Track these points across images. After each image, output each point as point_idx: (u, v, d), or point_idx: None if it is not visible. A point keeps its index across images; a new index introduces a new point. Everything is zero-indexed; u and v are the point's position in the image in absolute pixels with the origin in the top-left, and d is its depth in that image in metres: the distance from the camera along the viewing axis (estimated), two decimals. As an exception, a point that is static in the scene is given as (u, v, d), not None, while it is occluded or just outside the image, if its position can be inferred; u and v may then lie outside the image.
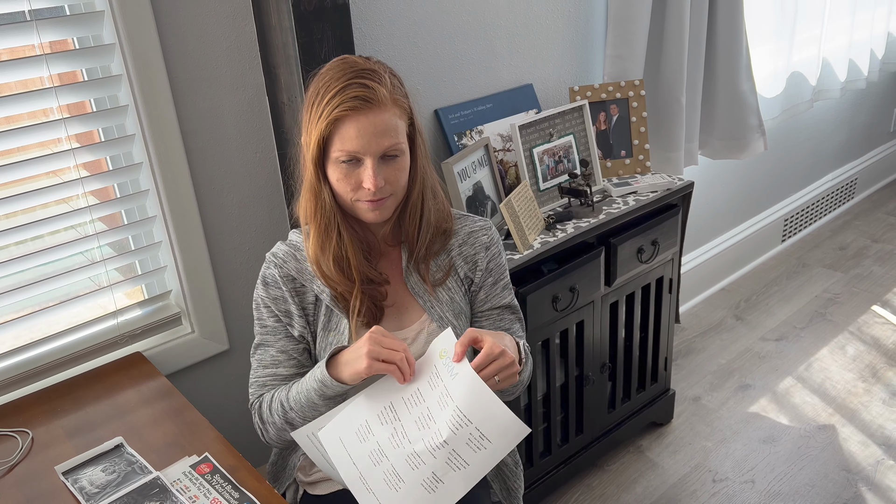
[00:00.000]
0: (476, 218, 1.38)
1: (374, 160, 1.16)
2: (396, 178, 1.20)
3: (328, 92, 1.15)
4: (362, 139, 1.14)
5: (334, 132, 1.15)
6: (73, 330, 1.58)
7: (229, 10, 1.56)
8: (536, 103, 2.14)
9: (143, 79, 1.48)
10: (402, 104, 1.19)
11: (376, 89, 1.14)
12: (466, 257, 1.34)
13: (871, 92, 3.68)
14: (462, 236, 1.35)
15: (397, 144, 1.17)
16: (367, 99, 1.13)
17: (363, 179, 1.17)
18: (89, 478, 1.25)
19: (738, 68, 2.46)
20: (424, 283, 1.31)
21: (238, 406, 1.80)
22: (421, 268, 1.30)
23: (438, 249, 1.32)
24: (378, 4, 1.77)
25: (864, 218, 3.76)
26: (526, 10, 2.08)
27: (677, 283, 2.21)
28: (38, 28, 1.38)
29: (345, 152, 1.15)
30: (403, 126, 1.19)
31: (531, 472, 2.00)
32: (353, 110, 1.13)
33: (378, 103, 1.14)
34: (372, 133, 1.14)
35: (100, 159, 1.56)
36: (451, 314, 1.32)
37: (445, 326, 1.30)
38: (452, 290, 1.33)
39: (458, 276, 1.33)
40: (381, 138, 1.15)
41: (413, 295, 1.31)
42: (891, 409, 2.41)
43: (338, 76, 1.15)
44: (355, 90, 1.13)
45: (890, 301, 3.02)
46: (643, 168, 2.17)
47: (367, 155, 1.15)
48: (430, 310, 1.30)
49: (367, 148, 1.15)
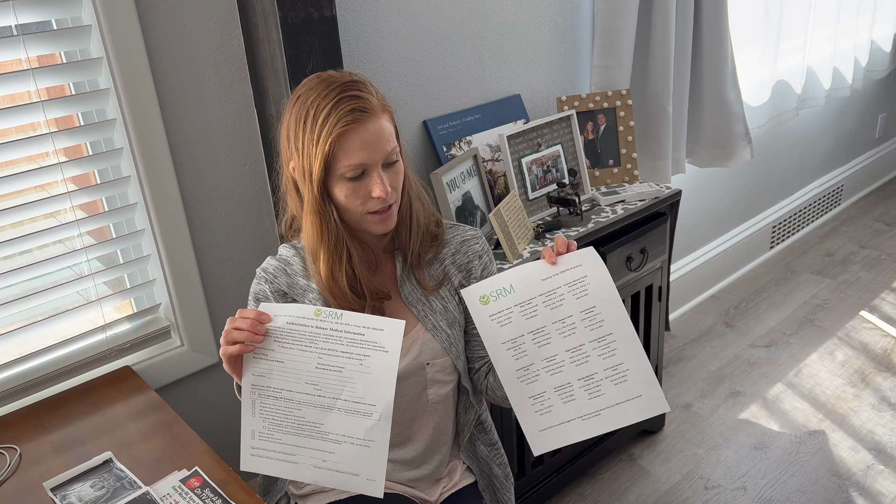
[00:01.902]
0: (466, 227, 1.38)
1: (380, 168, 1.16)
2: (398, 183, 1.21)
3: (319, 112, 1.14)
4: (366, 150, 1.14)
5: (338, 149, 1.14)
6: (61, 344, 1.57)
7: (217, 23, 1.57)
8: (524, 113, 2.15)
9: (130, 92, 1.48)
10: (389, 109, 1.20)
11: (368, 99, 1.15)
12: (460, 266, 1.34)
13: (855, 99, 3.72)
14: (454, 245, 1.35)
15: (395, 149, 1.18)
16: (363, 109, 1.14)
17: (372, 189, 1.16)
18: (78, 494, 1.24)
19: (723, 77, 2.48)
20: (418, 291, 1.31)
21: (228, 419, 1.79)
22: (416, 274, 1.31)
23: (431, 258, 1.32)
24: (365, 16, 1.77)
25: (850, 224, 3.79)
26: (513, 20, 2.10)
27: (667, 290, 2.22)
28: (24, 42, 1.38)
29: (351, 167, 1.14)
30: (393, 131, 1.20)
31: (523, 482, 2.00)
32: (354, 122, 1.13)
33: (372, 111, 1.15)
34: (374, 142, 1.14)
35: (88, 173, 1.56)
36: (444, 323, 1.32)
37: (439, 335, 1.30)
38: (446, 298, 1.33)
39: (451, 284, 1.34)
40: (383, 145, 1.15)
41: (407, 305, 1.31)
42: (880, 414, 2.43)
43: (324, 94, 1.15)
44: (349, 104, 1.13)
45: (878, 306, 3.04)
46: (631, 177, 2.18)
47: (372, 164, 1.15)
48: (423, 319, 1.30)
49: (373, 157, 1.15)
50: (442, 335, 1.30)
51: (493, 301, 1.14)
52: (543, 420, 1.15)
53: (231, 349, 1.10)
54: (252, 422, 1.14)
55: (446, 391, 1.35)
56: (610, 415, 1.13)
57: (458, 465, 1.45)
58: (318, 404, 1.12)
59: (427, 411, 1.34)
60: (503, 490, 1.48)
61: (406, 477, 1.38)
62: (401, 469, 1.37)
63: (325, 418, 1.12)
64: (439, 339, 1.30)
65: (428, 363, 1.30)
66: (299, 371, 1.12)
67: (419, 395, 1.32)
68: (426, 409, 1.34)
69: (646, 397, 1.12)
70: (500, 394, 1.33)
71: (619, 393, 1.12)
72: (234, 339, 1.10)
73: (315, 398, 1.12)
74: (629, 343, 1.12)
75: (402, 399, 1.31)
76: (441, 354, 1.31)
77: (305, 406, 1.12)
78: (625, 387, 1.12)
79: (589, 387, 1.13)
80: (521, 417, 1.16)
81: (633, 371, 1.12)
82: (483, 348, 1.36)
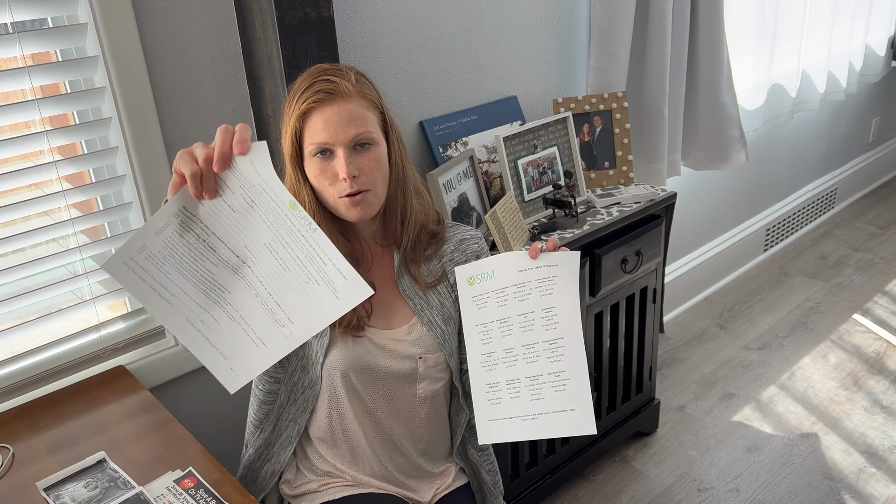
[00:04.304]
0: (467, 227, 1.41)
1: (344, 150, 1.18)
2: (370, 168, 1.20)
3: (296, 93, 1.20)
4: (329, 129, 1.17)
5: (304, 127, 1.19)
6: (55, 344, 1.56)
7: (214, 22, 1.56)
8: (521, 115, 2.15)
9: (126, 91, 1.47)
10: (369, 97, 1.21)
11: (338, 82, 1.18)
12: (458, 264, 1.35)
13: (849, 103, 3.73)
14: (454, 243, 1.37)
15: (366, 133, 1.19)
16: (330, 91, 1.17)
17: (337, 171, 1.18)
18: (71, 494, 1.23)
19: (719, 80, 2.49)
20: (415, 286, 1.32)
21: (222, 419, 1.79)
22: (412, 269, 1.32)
23: (431, 254, 1.34)
24: (363, 17, 1.77)
25: (844, 227, 3.80)
26: (510, 22, 2.10)
27: (661, 292, 2.23)
28: (20, 40, 1.38)
29: (315, 144, 1.18)
30: (373, 118, 1.21)
31: (517, 483, 2.00)
32: (318, 102, 1.17)
33: (341, 95, 1.18)
34: (338, 122, 1.17)
35: (82, 172, 1.55)
36: (440, 318, 1.32)
37: (434, 330, 1.31)
38: (443, 294, 1.34)
39: (448, 282, 1.35)
40: (347, 126, 1.17)
41: (404, 298, 1.32)
42: (872, 417, 2.44)
43: (305, 78, 1.21)
44: (319, 85, 1.18)
45: (870, 310, 3.05)
46: (626, 179, 2.19)
47: (336, 144, 1.17)
48: (419, 313, 1.31)
49: (336, 137, 1.17)
50: (437, 330, 1.31)
51: (477, 283, 1.15)
52: (493, 410, 1.15)
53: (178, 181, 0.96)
54: (151, 239, 0.96)
55: (436, 388, 1.35)
56: (545, 421, 1.12)
57: (451, 466, 1.46)
58: (240, 274, 0.98)
59: (416, 407, 1.34)
60: (491, 496, 1.48)
61: (398, 478, 1.38)
62: (393, 469, 1.37)
63: (236, 292, 0.99)
64: (434, 333, 1.31)
65: (420, 357, 1.31)
66: (245, 232, 0.97)
67: (408, 389, 1.32)
68: (415, 405, 1.34)
69: (577, 413, 1.11)
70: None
71: (556, 401, 1.12)
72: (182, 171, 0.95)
73: (240, 265, 0.98)
74: (575, 353, 1.11)
75: (390, 392, 1.31)
76: (434, 349, 1.32)
77: (224, 267, 0.98)
78: (562, 396, 1.12)
79: (533, 387, 1.13)
80: (476, 402, 1.15)
81: (571, 382, 1.11)
82: None
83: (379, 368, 1.28)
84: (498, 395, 1.15)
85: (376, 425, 1.33)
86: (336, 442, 1.35)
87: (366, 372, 1.28)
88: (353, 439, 1.34)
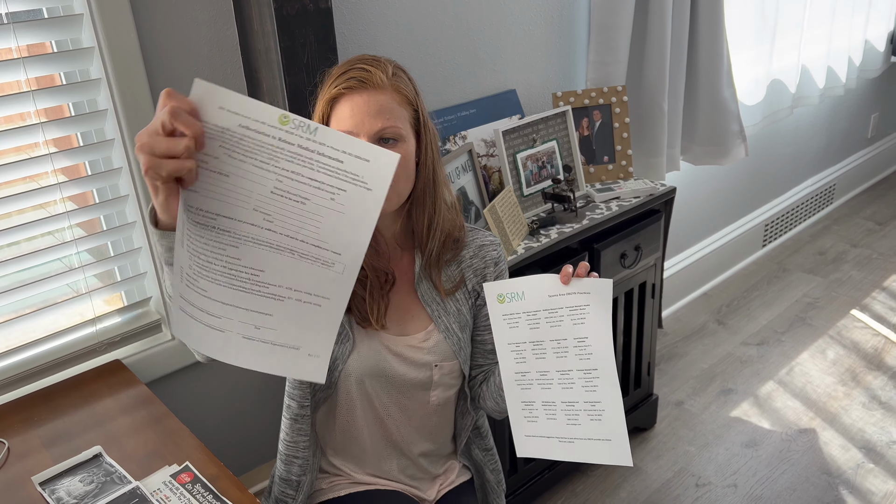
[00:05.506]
0: (486, 233, 1.36)
1: (368, 141, 1.13)
2: None
3: (330, 78, 1.17)
4: (355, 118, 1.13)
5: (332, 113, 1.16)
6: (50, 337, 1.55)
7: (211, 14, 1.55)
8: (520, 109, 2.14)
9: (122, 83, 1.46)
10: (404, 92, 1.17)
11: (373, 72, 1.14)
12: (476, 270, 1.32)
13: (849, 99, 3.73)
14: (473, 248, 1.33)
15: (394, 128, 1.15)
16: (363, 80, 1.14)
17: None
18: (67, 488, 1.22)
19: (719, 75, 2.48)
20: (434, 291, 1.29)
21: (219, 414, 1.78)
22: (433, 274, 1.28)
23: (450, 259, 1.30)
24: (361, 9, 1.76)
25: (842, 223, 3.80)
26: (509, 16, 2.08)
27: (660, 288, 2.22)
28: (15, 31, 1.36)
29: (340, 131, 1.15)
30: (405, 114, 1.17)
31: (515, 479, 2.00)
32: (349, 90, 1.14)
33: (374, 85, 1.14)
34: (365, 112, 1.13)
35: (78, 164, 1.54)
36: (457, 326, 1.30)
37: (451, 338, 1.29)
38: (460, 301, 1.31)
39: (466, 288, 1.32)
40: (374, 118, 1.13)
41: (423, 303, 1.28)
42: (870, 413, 2.44)
43: (342, 65, 1.18)
44: (354, 73, 1.15)
45: (869, 305, 3.05)
46: (626, 174, 2.18)
47: (361, 134, 1.13)
48: (437, 319, 1.28)
49: (361, 126, 1.13)
50: (453, 338, 1.29)
51: (507, 302, 1.15)
52: (530, 427, 1.17)
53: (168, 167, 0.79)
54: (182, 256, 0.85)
55: (449, 395, 1.34)
56: (582, 447, 1.14)
57: (455, 464, 1.45)
58: (265, 241, 0.85)
59: (427, 413, 1.33)
60: (493, 495, 1.48)
61: (404, 476, 1.38)
62: (397, 471, 1.37)
63: (269, 263, 0.85)
64: (450, 341, 1.28)
65: (436, 365, 1.28)
66: (248, 193, 0.83)
67: (422, 396, 1.31)
68: (427, 411, 1.33)
69: (614, 443, 1.13)
70: (490, 404, 1.33)
71: (592, 429, 1.13)
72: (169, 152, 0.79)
73: (263, 232, 0.84)
74: (610, 385, 1.12)
75: (403, 399, 1.30)
76: (450, 357, 1.29)
77: (246, 242, 0.84)
78: (598, 426, 1.13)
79: (569, 412, 1.14)
80: (513, 417, 1.18)
81: (607, 413, 1.12)
82: (482, 357, 1.36)
83: (395, 376, 1.26)
84: (534, 413, 1.16)
85: (384, 430, 1.32)
86: (343, 445, 1.34)
87: (381, 379, 1.26)
88: (360, 443, 1.33)
